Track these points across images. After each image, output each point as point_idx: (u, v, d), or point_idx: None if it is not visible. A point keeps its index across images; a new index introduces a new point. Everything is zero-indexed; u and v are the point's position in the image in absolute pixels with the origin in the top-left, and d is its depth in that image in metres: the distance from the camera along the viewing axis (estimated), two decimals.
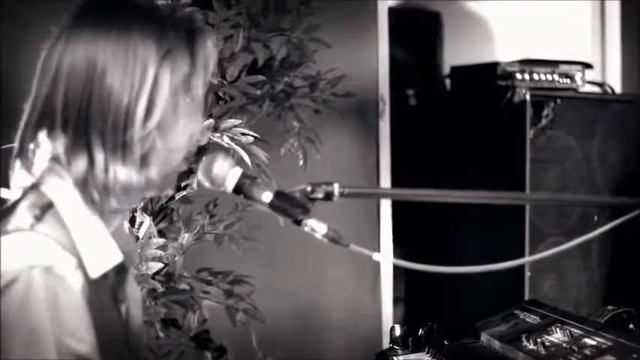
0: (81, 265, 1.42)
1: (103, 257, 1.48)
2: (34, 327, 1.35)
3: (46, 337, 1.35)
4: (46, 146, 1.48)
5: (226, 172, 1.57)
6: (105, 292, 1.52)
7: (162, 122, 1.47)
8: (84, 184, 1.45)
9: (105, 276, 1.50)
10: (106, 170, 1.44)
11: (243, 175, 1.59)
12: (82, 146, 1.44)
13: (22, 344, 1.35)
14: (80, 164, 1.44)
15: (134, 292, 1.67)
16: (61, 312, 1.37)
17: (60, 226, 1.43)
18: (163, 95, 1.46)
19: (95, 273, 1.45)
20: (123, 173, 1.45)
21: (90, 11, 1.49)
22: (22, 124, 1.51)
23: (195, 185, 1.69)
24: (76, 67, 1.44)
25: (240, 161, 2.55)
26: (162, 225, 2.63)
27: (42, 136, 1.48)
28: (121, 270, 1.56)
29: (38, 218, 1.42)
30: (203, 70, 1.53)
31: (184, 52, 1.49)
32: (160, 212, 2.64)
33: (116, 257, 1.50)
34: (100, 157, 1.44)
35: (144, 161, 1.47)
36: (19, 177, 1.51)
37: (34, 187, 1.48)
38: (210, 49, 1.53)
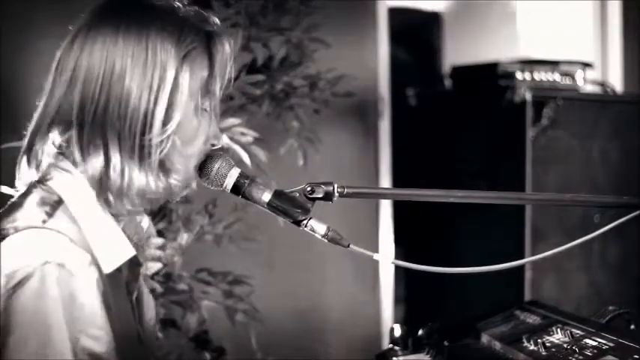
0: (95, 261, 1.42)
1: (115, 252, 1.47)
2: (49, 324, 1.35)
3: (60, 334, 1.35)
4: (54, 143, 1.47)
5: (225, 172, 1.57)
6: (120, 286, 1.52)
7: (180, 126, 1.46)
8: (99, 185, 1.45)
9: (119, 270, 1.50)
10: (122, 174, 1.44)
11: (242, 175, 1.58)
12: (99, 147, 1.44)
13: (38, 341, 1.35)
14: (96, 164, 1.44)
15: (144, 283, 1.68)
16: (75, 309, 1.37)
17: (71, 221, 1.43)
18: (183, 98, 1.46)
19: (108, 268, 1.45)
20: (139, 178, 1.45)
21: (108, 11, 1.48)
22: (33, 121, 1.50)
23: (194, 185, 1.69)
24: (94, 68, 1.43)
25: (239, 161, 2.55)
26: (161, 225, 2.63)
27: (53, 134, 1.47)
28: (134, 264, 1.55)
29: (49, 214, 1.42)
30: (221, 72, 1.52)
31: (203, 54, 1.49)
32: (159, 212, 2.63)
33: (128, 251, 1.50)
34: (116, 159, 1.43)
35: (163, 168, 1.47)
36: (26, 173, 1.50)
37: (41, 182, 1.48)
38: (227, 52, 1.52)
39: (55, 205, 1.44)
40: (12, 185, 1.54)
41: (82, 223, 1.44)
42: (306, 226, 1.56)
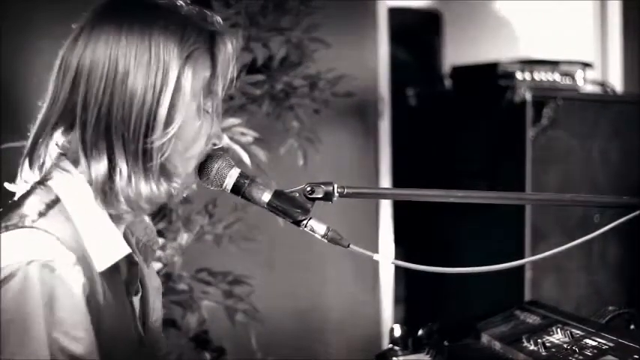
0: (81, 261, 1.41)
1: (109, 250, 1.47)
2: (28, 323, 1.34)
3: (38, 334, 1.34)
4: (57, 143, 1.48)
5: (225, 173, 1.56)
6: (117, 286, 1.51)
7: (182, 128, 1.45)
8: (104, 190, 1.44)
9: (117, 269, 1.49)
10: (129, 180, 1.43)
11: (242, 175, 1.58)
12: (102, 150, 1.43)
13: (15, 339, 1.34)
14: (100, 169, 1.43)
15: (155, 281, 1.67)
16: (56, 309, 1.36)
17: (65, 221, 1.43)
18: (185, 99, 1.45)
19: (101, 266, 1.44)
20: (145, 185, 1.44)
21: (111, 9, 1.48)
22: (37, 122, 1.49)
23: (194, 185, 1.69)
24: (97, 67, 1.43)
25: (239, 161, 2.55)
26: (161, 225, 2.63)
27: (56, 134, 1.47)
28: (132, 263, 1.55)
29: (42, 214, 1.41)
30: (223, 72, 1.51)
31: (206, 54, 1.48)
32: (159, 212, 2.63)
33: (122, 250, 1.49)
34: (122, 164, 1.43)
35: (164, 171, 1.46)
36: (28, 173, 1.50)
37: (42, 182, 1.48)
38: (230, 51, 1.52)
39: (50, 204, 1.43)
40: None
41: (78, 222, 1.44)
42: (305, 226, 1.56)
